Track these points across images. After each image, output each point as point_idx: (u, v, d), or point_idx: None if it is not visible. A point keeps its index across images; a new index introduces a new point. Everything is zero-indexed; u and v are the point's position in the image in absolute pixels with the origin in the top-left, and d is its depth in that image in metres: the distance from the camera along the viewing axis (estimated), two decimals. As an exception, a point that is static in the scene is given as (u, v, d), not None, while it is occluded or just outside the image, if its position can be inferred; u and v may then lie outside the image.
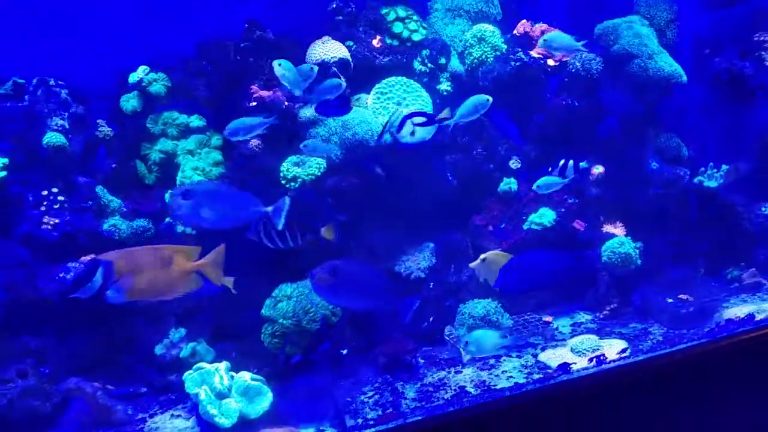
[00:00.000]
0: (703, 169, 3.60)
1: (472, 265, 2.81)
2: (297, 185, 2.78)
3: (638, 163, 3.63)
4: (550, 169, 3.08)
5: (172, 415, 2.70)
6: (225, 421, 2.52)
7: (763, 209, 3.61)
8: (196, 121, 3.03)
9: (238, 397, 2.61)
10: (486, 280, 2.82)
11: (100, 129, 2.88)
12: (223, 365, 2.69)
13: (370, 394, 2.71)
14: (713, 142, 4.07)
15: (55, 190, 2.80)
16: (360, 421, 2.51)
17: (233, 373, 2.70)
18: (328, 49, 2.88)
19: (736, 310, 3.16)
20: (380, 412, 2.55)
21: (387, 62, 2.99)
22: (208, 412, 2.51)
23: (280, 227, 2.42)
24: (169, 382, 2.85)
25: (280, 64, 2.49)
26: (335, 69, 2.80)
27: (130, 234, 2.89)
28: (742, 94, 3.78)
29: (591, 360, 2.83)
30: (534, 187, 2.88)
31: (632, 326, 3.26)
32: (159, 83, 2.94)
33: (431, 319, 3.05)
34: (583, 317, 3.38)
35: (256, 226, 2.44)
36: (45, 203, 2.78)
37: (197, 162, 2.97)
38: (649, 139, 3.72)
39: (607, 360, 2.83)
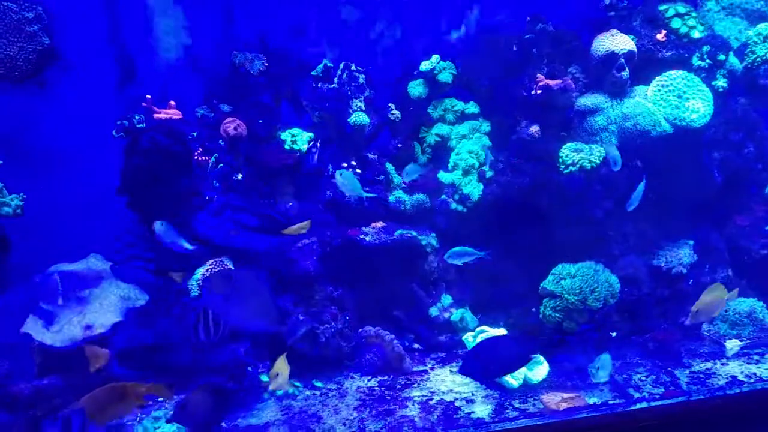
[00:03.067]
0: None
1: (688, 321, 2.74)
2: (576, 170, 2.95)
3: None
4: None
5: (450, 371, 3.01)
6: (513, 382, 2.76)
7: None
8: (471, 107, 3.31)
9: (519, 362, 2.85)
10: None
11: (392, 112, 3.25)
12: (504, 331, 2.93)
13: (645, 374, 2.84)
14: None
15: (353, 163, 3.21)
16: (645, 394, 2.65)
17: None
18: (618, 42, 3.00)
19: None
20: (662, 390, 2.68)
21: (669, 56, 3.07)
22: (497, 371, 2.78)
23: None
24: (438, 341, 3.17)
25: (341, 174, 2.65)
26: (622, 60, 2.94)
27: (410, 206, 3.23)
28: None
29: None
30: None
31: None
32: (446, 72, 3.24)
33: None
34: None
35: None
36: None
37: (472, 145, 3.24)
38: None
39: None
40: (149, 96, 2.89)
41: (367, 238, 3.08)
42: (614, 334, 2.95)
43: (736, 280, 3.26)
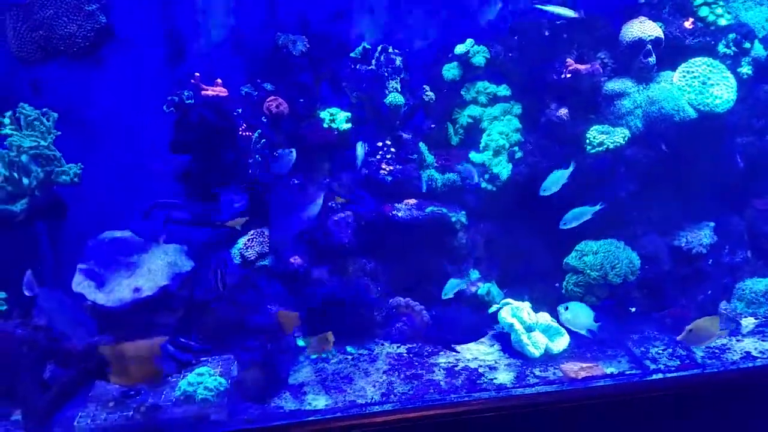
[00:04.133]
0: None
1: (680, 337, 2.78)
2: (602, 150, 3.07)
3: None
4: None
5: (476, 341, 3.18)
6: (535, 351, 2.92)
7: None
8: (503, 90, 3.43)
9: (542, 334, 3.00)
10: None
11: (426, 94, 3.37)
12: (527, 304, 3.09)
13: (662, 348, 2.99)
14: None
15: (388, 142, 3.35)
16: (661, 366, 2.80)
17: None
18: (646, 28, 3.10)
19: None
20: (678, 362, 2.83)
21: (695, 43, 3.16)
22: (521, 340, 2.93)
23: None
24: (465, 313, 3.34)
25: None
26: (650, 46, 3.04)
27: (442, 185, 3.38)
28: None
29: None
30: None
31: None
32: (480, 55, 3.36)
33: (709, 292, 3.24)
34: None
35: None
36: (380, 153, 3.35)
37: (503, 127, 3.36)
38: None
39: None
40: (198, 74, 3.05)
41: (400, 214, 3.23)
42: (633, 310, 3.09)
43: (754, 261, 3.38)
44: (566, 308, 2.81)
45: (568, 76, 3.14)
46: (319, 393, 2.78)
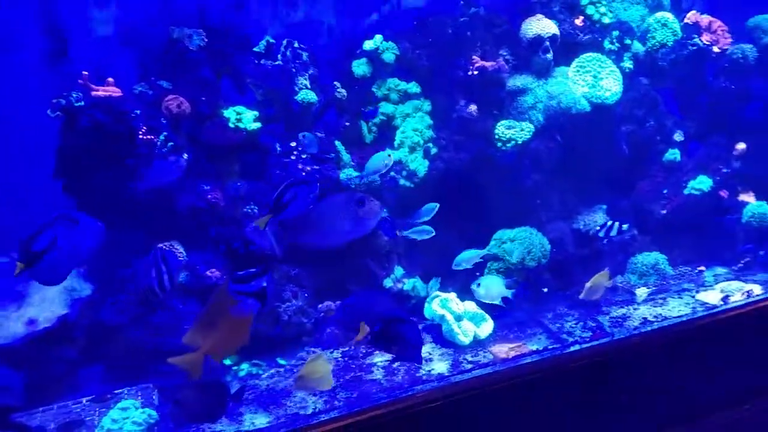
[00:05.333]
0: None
1: (581, 295, 3.12)
2: (511, 146, 3.22)
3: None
4: (597, 228, 3.42)
5: (406, 335, 3.20)
6: (465, 339, 3.01)
7: None
8: (414, 87, 3.44)
9: (470, 322, 3.09)
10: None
11: (338, 91, 3.28)
12: (454, 294, 3.16)
13: (574, 322, 3.25)
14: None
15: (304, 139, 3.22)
16: (577, 338, 3.04)
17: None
18: (544, 26, 3.30)
19: None
20: (590, 333, 3.08)
21: (586, 40, 3.43)
22: (452, 330, 3.00)
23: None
24: (391, 310, 3.34)
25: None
26: (548, 43, 3.23)
27: (361, 183, 3.33)
28: None
29: (744, 294, 3.35)
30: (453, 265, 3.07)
31: (760, 276, 3.70)
32: (389, 52, 3.34)
33: (606, 268, 3.55)
34: (721, 270, 3.84)
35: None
36: (294, 153, 3.21)
37: (416, 124, 3.39)
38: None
39: (754, 294, 3.35)
40: (86, 72, 2.69)
41: (321, 215, 3.15)
42: (546, 290, 3.33)
43: (642, 237, 3.78)
44: (478, 285, 2.94)
45: (475, 73, 3.26)
46: (257, 411, 2.63)
